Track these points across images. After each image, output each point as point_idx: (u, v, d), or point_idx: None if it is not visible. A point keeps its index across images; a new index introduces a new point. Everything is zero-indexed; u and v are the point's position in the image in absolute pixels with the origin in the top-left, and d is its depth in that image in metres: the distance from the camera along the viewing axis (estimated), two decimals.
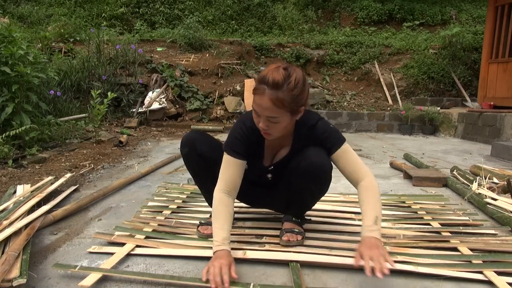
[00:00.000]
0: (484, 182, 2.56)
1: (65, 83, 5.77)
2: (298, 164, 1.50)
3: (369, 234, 1.32)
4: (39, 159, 3.27)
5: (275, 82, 1.30)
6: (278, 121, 1.36)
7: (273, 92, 1.31)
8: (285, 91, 1.31)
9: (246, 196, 1.75)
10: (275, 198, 1.72)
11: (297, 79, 1.33)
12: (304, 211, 1.73)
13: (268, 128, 1.38)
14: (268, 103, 1.32)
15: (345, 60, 8.38)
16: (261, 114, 1.36)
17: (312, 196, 1.64)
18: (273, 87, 1.31)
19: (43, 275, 1.35)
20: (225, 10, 10.00)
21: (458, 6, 10.32)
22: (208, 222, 1.67)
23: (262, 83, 1.33)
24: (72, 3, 9.57)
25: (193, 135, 1.65)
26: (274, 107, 1.32)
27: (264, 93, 1.32)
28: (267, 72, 1.34)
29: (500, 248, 1.60)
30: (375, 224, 1.34)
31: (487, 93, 6.45)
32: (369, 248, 1.26)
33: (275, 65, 1.36)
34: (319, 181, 1.54)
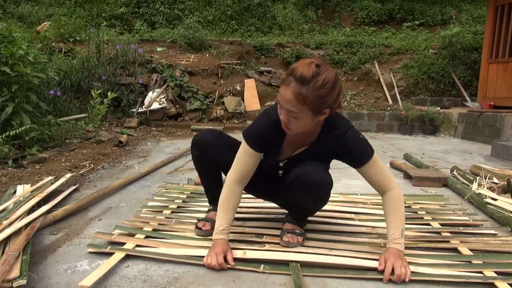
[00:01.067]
0: (484, 182, 2.56)
1: (65, 83, 5.77)
2: (297, 177, 1.48)
3: (395, 246, 1.39)
4: (39, 159, 3.27)
5: (302, 77, 1.27)
6: (298, 117, 1.33)
7: (298, 86, 1.28)
8: (310, 88, 1.27)
9: (253, 188, 1.74)
10: (280, 195, 1.70)
11: (327, 79, 1.28)
12: (305, 217, 1.72)
13: (288, 122, 1.35)
14: (291, 97, 1.29)
15: (345, 60, 8.39)
16: (283, 106, 1.33)
17: (310, 208, 1.64)
18: (299, 81, 1.27)
19: (43, 275, 1.35)
20: (225, 10, 10.00)
21: (458, 6, 10.32)
22: (207, 218, 1.68)
23: (290, 75, 1.30)
24: (72, 3, 9.57)
25: (207, 137, 1.61)
26: (296, 102, 1.29)
27: (289, 85, 1.29)
28: (299, 65, 1.30)
29: (500, 248, 1.60)
30: (401, 236, 1.41)
31: (487, 93, 6.45)
32: (394, 257, 1.35)
33: (310, 60, 1.32)
34: (317, 198, 1.54)
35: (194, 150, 1.66)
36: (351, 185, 2.77)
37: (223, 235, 1.47)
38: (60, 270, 1.39)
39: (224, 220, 1.49)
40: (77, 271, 1.38)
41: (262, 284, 1.31)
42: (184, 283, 1.32)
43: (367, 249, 1.54)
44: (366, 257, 1.45)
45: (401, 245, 1.40)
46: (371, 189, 2.63)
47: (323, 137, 1.48)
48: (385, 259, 1.36)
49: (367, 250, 1.54)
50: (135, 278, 1.34)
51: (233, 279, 1.34)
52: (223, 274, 1.37)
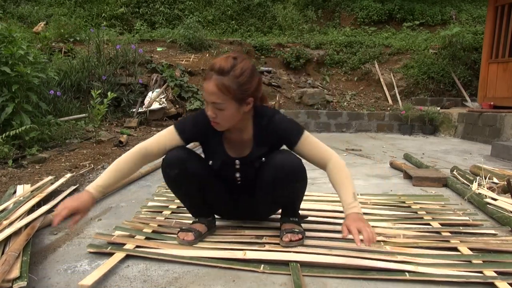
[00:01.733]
0: (484, 182, 2.56)
1: (65, 83, 5.76)
2: (275, 176, 1.50)
3: (352, 211, 1.40)
4: (39, 159, 3.27)
5: (221, 68, 1.36)
6: (223, 107, 1.39)
7: (219, 77, 1.36)
8: (230, 77, 1.36)
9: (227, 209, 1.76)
10: (258, 205, 1.71)
11: (244, 68, 1.38)
12: (297, 206, 1.71)
13: (215, 116, 1.41)
14: (214, 88, 1.36)
15: (345, 60, 8.38)
16: (208, 100, 1.40)
17: (299, 191, 1.63)
18: (219, 73, 1.36)
19: (43, 275, 1.35)
20: (225, 10, 10.00)
21: (458, 6, 10.32)
22: (190, 228, 1.63)
23: (211, 69, 1.38)
24: (72, 3, 9.56)
25: (181, 154, 1.54)
26: (219, 92, 1.36)
27: (211, 79, 1.37)
28: (217, 60, 1.39)
29: (500, 248, 1.60)
30: (354, 200, 1.43)
31: (487, 93, 6.45)
32: (355, 221, 1.36)
33: (227, 55, 1.42)
34: (300, 179, 1.55)
35: (171, 171, 1.54)
36: None
37: (93, 191, 1.47)
38: (60, 270, 1.39)
39: (106, 179, 1.49)
40: (77, 271, 1.38)
41: (262, 284, 1.31)
42: (184, 283, 1.32)
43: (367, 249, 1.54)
44: (366, 257, 1.45)
45: (357, 208, 1.41)
46: (371, 189, 2.65)
47: (258, 130, 1.53)
48: (347, 226, 1.36)
49: (367, 250, 1.54)
50: (135, 278, 1.34)
51: (233, 279, 1.34)
52: (223, 274, 1.37)
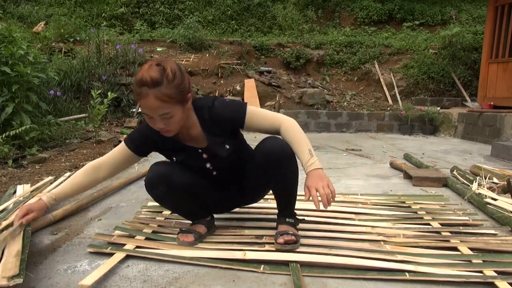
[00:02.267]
0: (484, 182, 2.56)
1: (65, 83, 5.76)
2: (266, 159, 1.48)
3: (311, 168, 1.41)
4: (39, 159, 3.27)
5: (154, 80, 1.30)
6: (172, 115, 1.36)
7: (155, 90, 1.31)
8: (166, 85, 1.32)
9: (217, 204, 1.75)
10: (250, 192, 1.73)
11: (173, 69, 1.35)
12: (293, 202, 1.66)
13: (166, 126, 1.38)
14: (156, 102, 1.31)
15: (345, 60, 8.38)
16: (154, 115, 1.35)
17: (294, 179, 1.58)
18: (154, 85, 1.30)
19: (43, 275, 1.35)
20: (225, 10, 10.00)
21: (458, 6, 10.32)
22: (190, 229, 1.63)
23: (142, 85, 1.31)
24: (72, 3, 9.56)
25: (162, 170, 1.53)
26: (163, 103, 1.32)
27: (148, 95, 1.31)
28: (142, 73, 1.33)
29: (500, 248, 1.60)
30: (311, 156, 1.43)
31: (487, 93, 6.45)
32: (314, 181, 1.37)
33: (147, 65, 1.36)
34: (291, 159, 1.51)
35: (157, 189, 1.54)
36: (351, 185, 2.77)
37: (46, 198, 1.52)
38: (60, 270, 1.39)
39: (61, 189, 1.55)
40: (77, 271, 1.38)
41: (262, 284, 1.31)
42: (184, 283, 1.32)
43: (367, 249, 1.54)
44: (366, 257, 1.45)
45: (315, 164, 1.41)
46: (371, 189, 2.65)
47: (203, 123, 1.51)
48: (307, 186, 1.37)
49: (367, 249, 1.54)
50: (135, 278, 1.34)
51: (233, 279, 1.34)
52: (223, 274, 1.37)
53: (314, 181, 1.37)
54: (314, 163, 1.42)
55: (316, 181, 1.37)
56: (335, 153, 4.40)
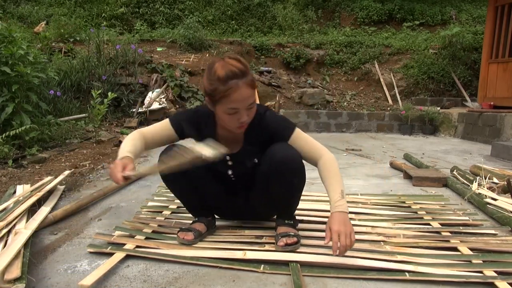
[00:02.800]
0: (484, 182, 2.56)
1: (65, 83, 5.76)
2: (269, 167, 1.48)
3: (337, 210, 1.40)
4: (39, 159, 3.27)
5: (241, 69, 1.34)
6: (254, 103, 1.42)
7: (245, 79, 1.35)
8: (249, 72, 1.38)
9: (224, 208, 1.76)
10: (252, 206, 1.71)
11: (242, 59, 1.40)
12: (293, 209, 1.69)
13: (249, 116, 1.42)
14: (248, 91, 1.36)
15: (345, 60, 8.38)
16: (243, 106, 1.37)
17: (296, 189, 1.60)
18: (243, 74, 1.35)
19: (43, 275, 1.35)
20: (225, 10, 10.00)
21: (458, 6, 10.32)
22: (190, 228, 1.63)
23: (231, 78, 1.33)
24: (72, 3, 9.56)
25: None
26: (252, 90, 1.38)
27: (239, 86, 1.33)
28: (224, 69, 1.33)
29: (500, 248, 1.60)
30: (341, 198, 1.42)
31: (487, 93, 6.45)
32: (337, 224, 1.36)
33: (218, 63, 1.36)
34: (297, 173, 1.52)
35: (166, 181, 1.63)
36: (351, 185, 2.77)
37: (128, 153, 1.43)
38: (60, 270, 1.39)
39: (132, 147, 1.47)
40: (77, 271, 1.38)
41: (262, 284, 1.31)
42: (184, 283, 1.32)
43: (367, 249, 1.54)
44: (366, 257, 1.45)
45: (343, 207, 1.41)
46: (371, 189, 2.65)
47: (249, 126, 1.49)
48: (331, 229, 1.37)
49: (367, 249, 1.54)
50: (135, 278, 1.34)
51: (233, 279, 1.34)
52: (223, 274, 1.37)
53: (338, 226, 1.36)
54: (342, 206, 1.41)
55: (340, 227, 1.36)
56: (335, 153, 4.40)
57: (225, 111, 1.38)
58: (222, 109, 1.39)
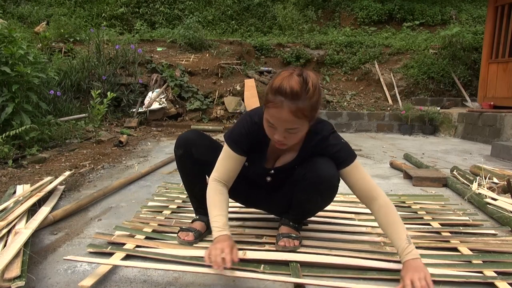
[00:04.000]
0: (484, 182, 2.56)
1: (65, 83, 5.77)
2: (304, 176, 1.44)
3: (408, 257, 1.28)
4: (39, 159, 3.27)
5: (294, 92, 1.21)
6: (297, 131, 1.30)
7: (292, 103, 1.22)
8: (305, 100, 1.23)
9: (243, 195, 1.72)
10: (272, 202, 1.68)
11: (314, 84, 1.26)
12: (305, 218, 1.69)
13: (284, 139, 1.31)
14: (289, 116, 1.23)
15: (345, 60, 8.39)
16: (279, 127, 1.28)
17: (317, 207, 1.59)
18: (293, 98, 1.22)
19: (43, 275, 1.35)
20: (225, 10, 10.00)
21: (458, 6, 10.32)
22: (190, 228, 1.62)
23: (279, 94, 1.23)
24: (72, 3, 9.57)
25: (190, 136, 1.58)
26: (295, 118, 1.24)
27: (282, 106, 1.22)
28: (282, 81, 1.23)
29: (500, 248, 1.60)
30: (409, 244, 1.30)
31: (487, 93, 6.45)
32: (411, 270, 1.24)
33: (287, 72, 1.26)
34: (326, 194, 1.50)
35: (178, 150, 1.59)
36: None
37: (225, 231, 1.35)
38: (60, 270, 1.39)
39: (221, 217, 1.39)
40: (77, 271, 1.38)
41: (262, 284, 1.31)
42: (184, 283, 1.32)
43: (367, 249, 1.54)
44: (366, 257, 1.45)
45: (413, 253, 1.28)
46: None
47: (308, 145, 1.46)
48: (403, 277, 1.26)
49: (367, 250, 1.54)
50: (135, 278, 1.34)
51: (233, 279, 1.34)
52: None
53: (411, 272, 1.23)
54: (411, 252, 1.28)
55: (412, 273, 1.23)
56: None
57: (265, 119, 1.32)
58: (265, 117, 1.32)
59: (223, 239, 1.31)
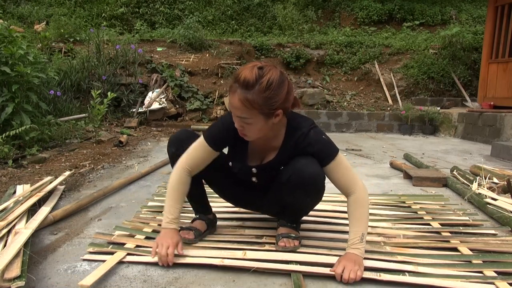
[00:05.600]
0: (484, 182, 2.56)
1: (65, 83, 5.77)
2: (289, 178, 1.44)
3: (352, 251, 1.37)
4: (39, 159, 3.27)
5: (245, 81, 1.27)
6: (250, 122, 1.33)
7: (243, 92, 1.28)
8: (255, 92, 1.27)
9: (234, 197, 1.75)
10: (264, 204, 1.69)
11: (271, 80, 1.28)
12: (299, 218, 1.69)
13: (242, 128, 1.36)
14: (238, 103, 1.29)
15: (345, 60, 8.38)
16: (234, 113, 1.34)
17: (307, 206, 1.60)
18: (244, 86, 1.28)
19: (43, 275, 1.35)
20: (225, 10, 10.00)
21: (458, 6, 10.32)
22: (190, 227, 1.63)
23: (235, 81, 1.30)
24: (72, 3, 9.56)
25: (182, 135, 1.59)
26: (244, 107, 1.29)
27: (235, 92, 1.30)
28: (243, 70, 1.30)
29: (500, 248, 1.60)
30: (360, 241, 1.38)
31: (487, 93, 6.45)
32: (347, 260, 1.34)
33: (252, 64, 1.32)
34: (313, 194, 1.50)
35: (170, 148, 1.61)
36: None
37: (174, 225, 1.48)
38: (60, 270, 1.39)
39: (175, 209, 1.49)
40: (77, 271, 1.38)
41: (262, 284, 1.31)
42: (184, 283, 1.32)
43: (367, 249, 1.54)
44: (366, 257, 1.45)
45: (359, 250, 1.37)
46: (371, 189, 2.65)
47: (289, 140, 1.46)
48: (339, 262, 1.36)
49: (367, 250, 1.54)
50: (135, 278, 1.34)
51: (233, 279, 1.34)
52: (223, 274, 1.37)
53: (348, 262, 1.33)
54: (359, 249, 1.37)
55: (350, 263, 1.33)
56: None
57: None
58: None
59: (169, 234, 1.45)
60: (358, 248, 1.38)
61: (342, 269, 1.32)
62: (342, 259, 1.36)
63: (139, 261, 1.45)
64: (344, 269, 1.31)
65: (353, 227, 1.42)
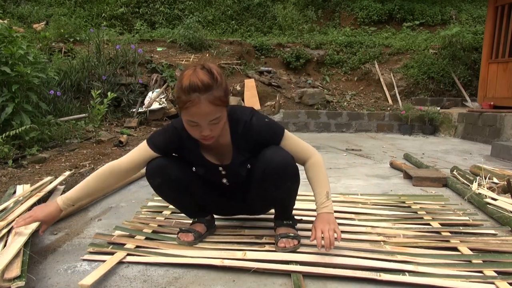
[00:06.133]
0: (484, 182, 2.56)
1: (65, 83, 5.76)
2: (264, 172, 1.44)
3: (322, 211, 1.46)
4: (39, 159, 3.27)
5: (205, 84, 1.27)
6: (219, 119, 1.35)
7: (207, 94, 1.28)
8: (217, 88, 1.30)
9: (217, 207, 1.75)
10: (249, 206, 1.71)
11: (218, 72, 1.34)
12: (290, 210, 1.68)
13: (212, 132, 1.35)
14: (209, 107, 1.28)
15: (345, 60, 8.38)
16: (203, 122, 1.31)
17: (291, 191, 1.58)
18: (206, 90, 1.28)
19: (43, 275, 1.35)
20: (225, 10, 10.00)
21: (458, 6, 10.32)
22: (190, 229, 1.63)
23: (192, 91, 1.27)
24: (72, 3, 9.56)
25: (161, 162, 1.52)
26: (216, 107, 1.30)
27: (200, 101, 1.27)
28: (190, 78, 1.28)
29: (500, 248, 1.60)
30: (327, 200, 1.47)
31: (487, 93, 6.45)
32: (322, 223, 1.42)
33: (190, 70, 1.31)
34: (292, 176, 1.50)
35: (154, 180, 1.54)
36: (351, 185, 2.77)
37: (61, 202, 1.50)
38: (60, 270, 1.39)
39: (76, 193, 1.51)
40: (77, 271, 1.38)
41: (262, 284, 1.31)
42: (184, 283, 1.32)
43: (367, 249, 1.54)
44: (366, 257, 1.45)
45: (328, 208, 1.46)
46: (371, 189, 2.65)
47: (235, 136, 1.48)
48: (315, 227, 1.42)
49: (367, 250, 1.54)
50: (135, 278, 1.34)
51: (233, 279, 1.34)
52: (223, 274, 1.37)
53: (322, 224, 1.42)
54: (327, 207, 1.46)
55: (323, 224, 1.41)
56: (335, 153, 4.40)
57: (186, 121, 1.35)
58: (184, 119, 1.35)
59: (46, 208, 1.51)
60: (326, 206, 1.46)
61: (321, 234, 1.38)
62: (316, 224, 1.43)
63: (139, 261, 1.45)
64: (323, 234, 1.38)
65: (317, 188, 1.49)
